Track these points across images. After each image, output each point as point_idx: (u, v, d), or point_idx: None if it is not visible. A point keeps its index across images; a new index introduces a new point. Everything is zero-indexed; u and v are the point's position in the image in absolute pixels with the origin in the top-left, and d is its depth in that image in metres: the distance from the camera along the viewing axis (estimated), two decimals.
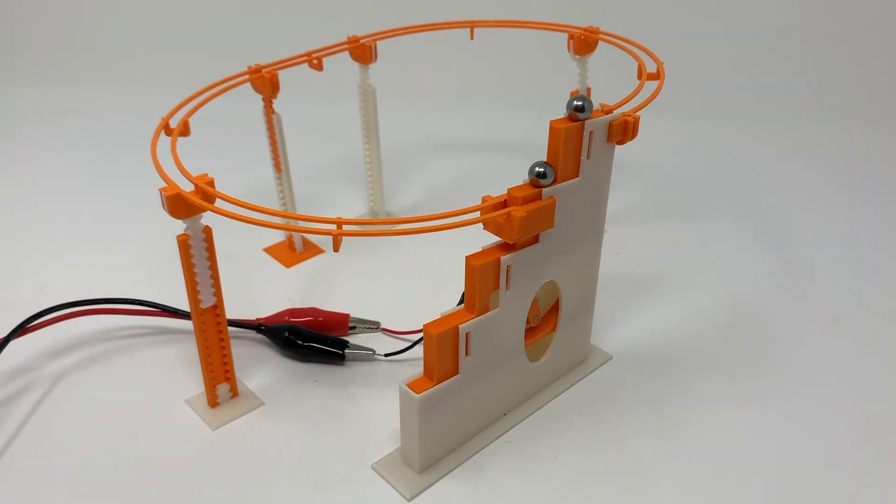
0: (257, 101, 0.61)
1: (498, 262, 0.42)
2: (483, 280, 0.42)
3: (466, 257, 0.41)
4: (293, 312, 0.57)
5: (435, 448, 0.45)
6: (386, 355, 0.55)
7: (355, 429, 0.49)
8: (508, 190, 0.42)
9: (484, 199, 0.41)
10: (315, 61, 0.62)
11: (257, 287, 0.63)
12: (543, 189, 0.42)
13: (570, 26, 0.65)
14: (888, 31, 1.00)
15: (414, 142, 0.92)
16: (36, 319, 0.51)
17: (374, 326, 0.57)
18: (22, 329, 0.50)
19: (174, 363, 0.54)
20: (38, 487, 0.44)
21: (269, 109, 0.61)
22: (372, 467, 0.46)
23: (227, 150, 0.89)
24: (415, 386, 0.42)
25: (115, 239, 0.71)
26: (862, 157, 0.89)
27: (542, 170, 0.41)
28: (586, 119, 0.42)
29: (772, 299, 0.62)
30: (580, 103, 0.42)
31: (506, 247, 0.43)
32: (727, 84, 1.02)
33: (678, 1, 1.03)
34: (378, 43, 0.66)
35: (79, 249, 0.69)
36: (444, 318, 0.42)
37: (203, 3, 1.11)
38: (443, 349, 0.42)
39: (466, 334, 0.42)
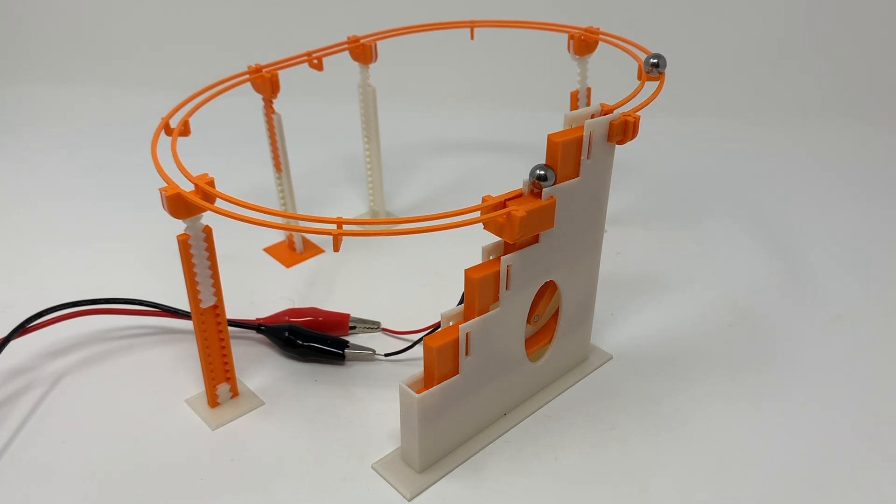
0: (257, 100, 0.61)
1: (497, 274, 0.42)
2: (482, 292, 0.42)
3: (466, 271, 0.41)
4: (293, 312, 0.57)
5: (435, 448, 0.45)
6: (386, 355, 0.55)
7: (355, 429, 0.49)
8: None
9: (484, 199, 0.41)
10: (315, 61, 0.62)
11: (257, 287, 0.63)
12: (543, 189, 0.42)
13: (571, 26, 0.64)
14: (888, 31, 1.00)
15: (414, 142, 0.92)
16: (36, 319, 0.51)
17: (374, 326, 0.57)
18: (22, 329, 0.50)
19: (174, 363, 0.54)
20: (38, 487, 0.44)
21: (269, 109, 0.61)
22: (372, 467, 0.46)
23: (227, 150, 0.89)
24: (415, 386, 0.42)
25: (115, 239, 0.71)
26: (862, 156, 0.89)
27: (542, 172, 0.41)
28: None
29: (772, 299, 0.62)
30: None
31: (505, 250, 0.43)
32: (727, 84, 1.02)
33: (678, 1, 1.03)
34: (378, 43, 0.66)
35: (79, 249, 0.69)
36: (444, 331, 0.42)
37: (203, 2, 1.11)
38: (443, 359, 0.42)
39: (466, 334, 0.42)
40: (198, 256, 0.44)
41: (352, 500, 0.44)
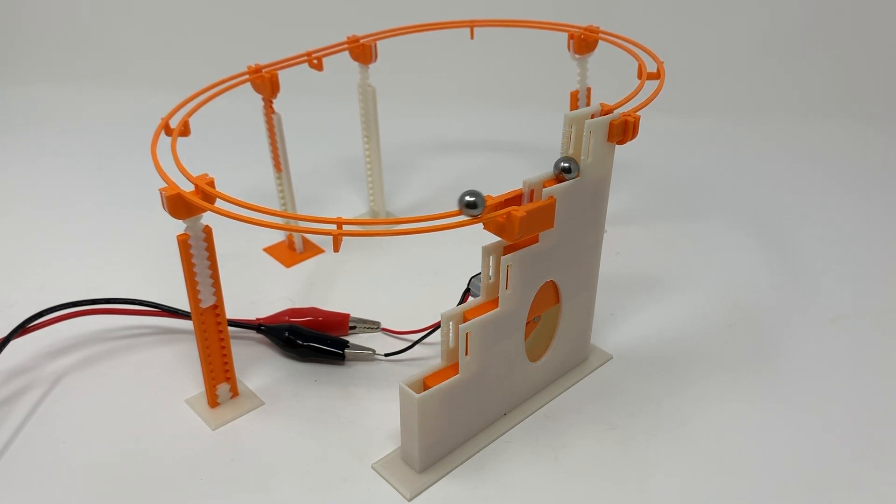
0: (257, 101, 0.61)
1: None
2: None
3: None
4: (293, 312, 0.57)
5: (435, 448, 0.45)
6: (386, 355, 0.55)
7: (355, 429, 0.49)
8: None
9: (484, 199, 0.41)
10: (315, 61, 0.62)
11: (257, 287, 0.63)
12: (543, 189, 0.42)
13: (570, 26, 0.64)
14: (888, 31, 1.00)
15: (414, 142, 0.92)
16: (36, 319, 0.51)
17: (374, 326, 0.57)
18: (22, 329, 0.50)
19: (174, 363, 0.54)
20: (38, 487, 0.44)
21: (269, 109, 0.61)
22: (372, 467, 0.46)
23: (227, 150, 0.89)
24: (415, 386, 0.42)
25: (115, 239, 0.71)
26: (862, 156, 0.89)
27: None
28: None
29: (772, 299, 0.62)
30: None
31: (505, 250, 0.43)
32: (727, 84, 1.02)
33: (678, 1, 1.03)
34: (378, 43, 0.65)
35: (79, 249, 0.69)
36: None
37: (203, 3, 1.11)
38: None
39: (466, 334, 0.42)
40: (198, 256, 0.44)
41: (352, 500, 0.44)
